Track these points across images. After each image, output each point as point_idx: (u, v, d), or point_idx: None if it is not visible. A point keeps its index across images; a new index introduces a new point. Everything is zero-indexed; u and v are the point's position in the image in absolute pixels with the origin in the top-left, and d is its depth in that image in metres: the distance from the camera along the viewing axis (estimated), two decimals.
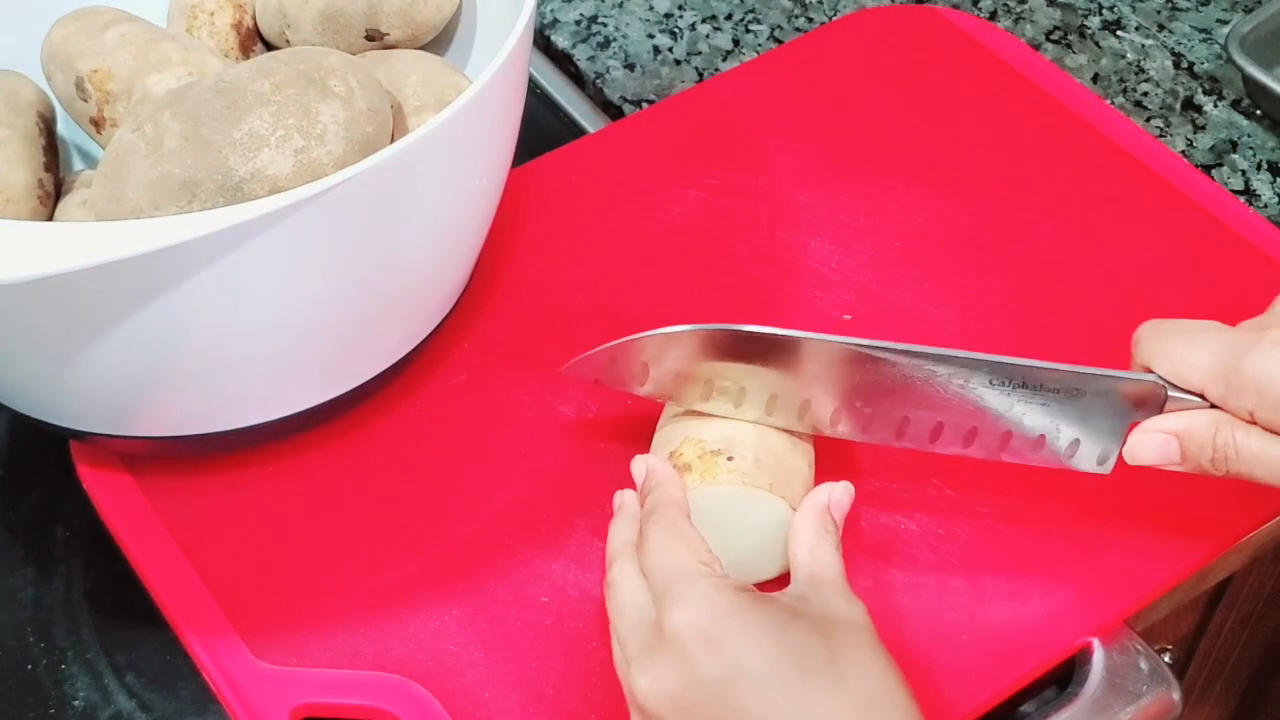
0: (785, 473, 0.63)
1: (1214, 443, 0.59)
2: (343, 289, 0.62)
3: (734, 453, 0.63)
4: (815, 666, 0.54)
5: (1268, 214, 0.86)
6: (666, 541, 0.58)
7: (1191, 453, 0.60)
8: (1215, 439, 0.59)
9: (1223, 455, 0.59)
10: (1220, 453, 0.59)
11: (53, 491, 0.73)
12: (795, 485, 0.63)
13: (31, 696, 0.67)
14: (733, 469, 0.62)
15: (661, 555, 0.58)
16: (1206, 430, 0.59)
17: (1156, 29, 0.97)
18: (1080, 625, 0.66)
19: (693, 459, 0.63)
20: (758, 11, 0.98)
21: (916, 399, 0.62)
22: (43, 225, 0.55)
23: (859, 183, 0.83)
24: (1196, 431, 0.59)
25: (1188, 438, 0.59)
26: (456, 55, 0.78)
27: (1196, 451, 0.59)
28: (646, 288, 0.78)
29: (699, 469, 0.63)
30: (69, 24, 0.71)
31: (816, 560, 0.60)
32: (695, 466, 0.63)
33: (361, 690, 0.64)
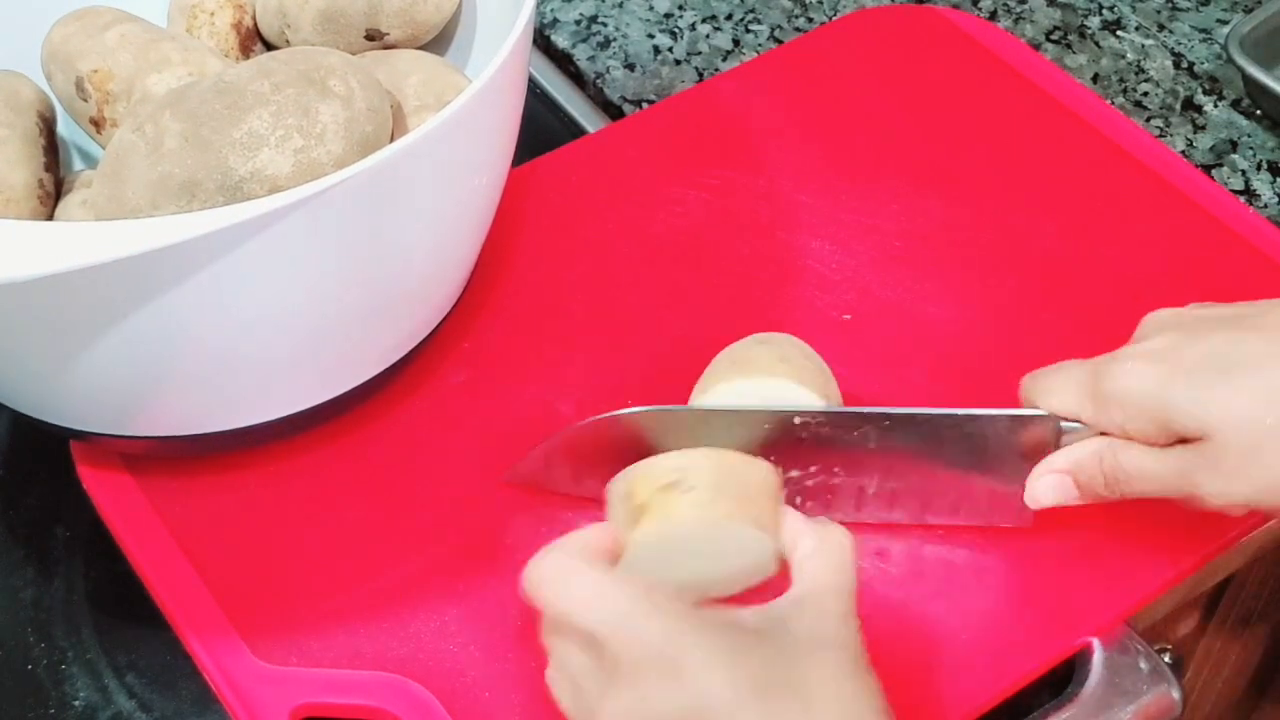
0: (747, 491, 0.59)
1: (1101, 470, 0.61)
2: (343, 288, 0.62)
3: (690, 482, 0.58)
4: (781, 692, 0.52)
5: (1268, 214, 0.86)
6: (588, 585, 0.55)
7: (1085, 484, 0.62)
8: (1102, 466, 0.61)
9: (1113, 479, 0.61)
10: (1110, 477, 0.61)
11: (53, 491, 0.73)
12: (761, 500, 0.59)
13: (32, 696, 0.67)
14: (692, 502, 0.58)
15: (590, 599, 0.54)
16: (1092, 460, 0.62)
17: (1156, 29, 0.97)
18: (1080, 625, 0.66)
19: (648, 497, 0.58)
20: (758, 11, 0.98)
21: (839, 462, 0.64)
22: (43, 225, 0.55)
23: (859, 183, 0.83)
24: (1084, 463, 0.62)
25: (1078, 471, 0.62)
26: (456, 55, 0.78)
27: (1089, 482, 0.62)
28: (646, 288, 0.78)
29: (656, 507, 0.58)
30: (69, 24, 0.71)
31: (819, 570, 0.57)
32: (652, 505, 0.58)
33: (361, 690, 0.64)
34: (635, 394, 0.73)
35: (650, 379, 0.74)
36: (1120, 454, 0.61)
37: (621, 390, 0.73)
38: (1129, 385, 0.60)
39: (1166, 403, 0.59)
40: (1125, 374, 0.60)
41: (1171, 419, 0.59)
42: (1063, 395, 0.62)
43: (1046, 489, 0.63)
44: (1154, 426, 0.60)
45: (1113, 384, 0.60)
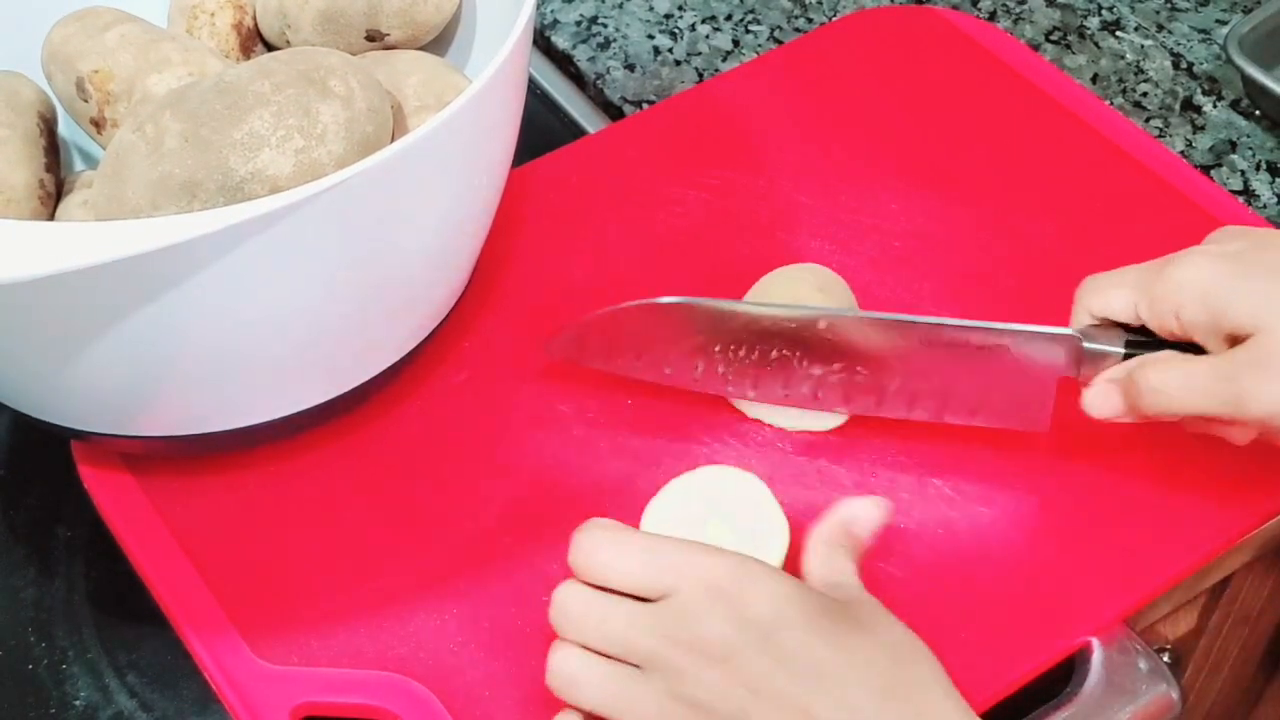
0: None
1: (1150, 377, 0.61)
2: (343, 288, 0.62)
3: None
4: (843, 616, 0.55)
5: (1267, 214, 0.86)
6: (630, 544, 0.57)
7: (1130, 397, 0.62)
8: (1149, 375, 0.61)
9: (1157, 388, 0.61)
10: (1153, 387, 0.61)
11: (54, 491, 0.73)
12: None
13: (32, 696, 0.67)
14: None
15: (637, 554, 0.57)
16: (1140, 371, 0.62)
17: (1156, 29, 0.97)
18: (1079, 625, 0.66)
19: None
20: (758, 12, 0.98)
21: (860, 362, 0.65)
22: (43, 225, 0.55)
23: (859, 183, 0.83)
24: (1134, 373, 0.62)
25: (1127, 381, 0.62)
26: (456, 55, 0.78)
27: (1132, 396, 0.62)
28: (647, 288, 0.78)
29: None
30: (69, 24, 0.71)
31: (830, 570, 0.59)
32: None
33: (362, 689, 0.64)
34: (635, 394, 0.73)
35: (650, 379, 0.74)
36: (1169, 362, 0.61)
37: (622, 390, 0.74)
38: (1190, 275, 0.61)
39: (1225, 292, 0.60)
40: (1189, 264, 0.61)
41: (1228, 308, 0.59)
42: (1117, 289, 0.63)
43: (1099, 397, 0.64)
44: (1207, 316, 0.60)
45: (1174, 272, 0.61)
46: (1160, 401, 0.61)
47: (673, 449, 0.71)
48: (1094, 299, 0.64)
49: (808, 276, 0.71)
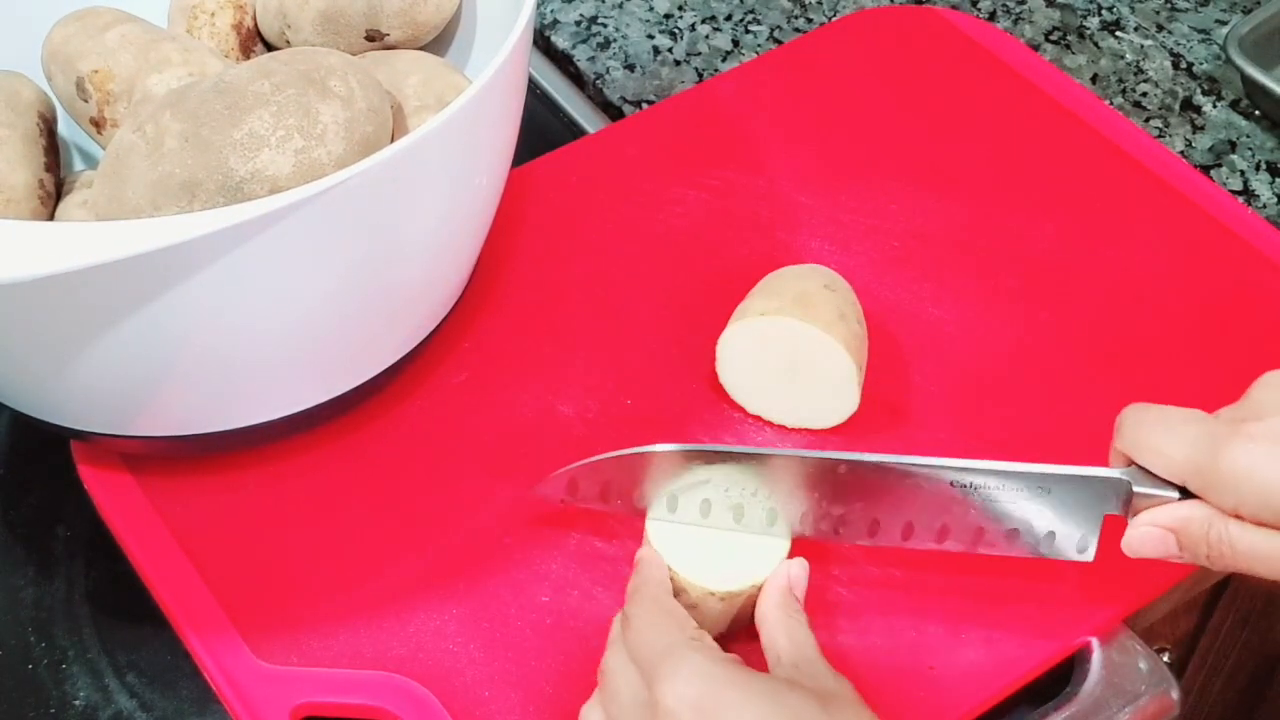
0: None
1: (1208, 539, 0.58)
2: (343, 289, 0.62)
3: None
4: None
5: (1266, 214, 0.86)
6: (652, 620, 0.58)
7: (1187, 546, 0.59)
8: (1209, 535, 0.58)
9: (1218, 552, 0.58)
10: (1215, 549, 0.58)
11: (53, 491, 0.73)
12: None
13: (32, 696, 0.67)
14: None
15: (649, 633, 0.57)
16: (1200, 527, 0.58)
17: (1155, 29, 0.97)
18: (1079, 625, 0.66)
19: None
20: (758, 12, 0.98)
21: (885, 502, 0.63)
22: (43, 225, 0.55)
23: (859, 183, 0.83)
24: (1190, 528, 0.59)
25: (1183, 533, 0.59)
26: (456, 55, 0.78)
27: (1192, 546, 0.59)
28: (646, 288, 0.78)
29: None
30: (69, 24, 0.71)
31: (795, 642, 0.59)
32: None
33: (361, 689, 0.64)
34: (635, 394, 0.73)
35: (650, 379, 0.74)
36: (1232, 528, 0.58)
37: (622, 390, 0.74)
38: (1252, 470, 0.56)
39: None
40: (1248, 455, 0.56)
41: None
42: (1169, 460, 0.59)
43: (1146, 541, 0.60)
44: (1270, 514, 0.56)
45: (1233, 465, 0.56)
46: (1235, 560, 0.58)
47: None
48: (1138, 455, 0.60)
49: (814, 275, 0.71)
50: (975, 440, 0.71)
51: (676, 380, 0.74)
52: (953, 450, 0.71)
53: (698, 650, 0.56)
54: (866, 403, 0.71)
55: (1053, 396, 0.73)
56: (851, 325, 0.69)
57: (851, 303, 0.71)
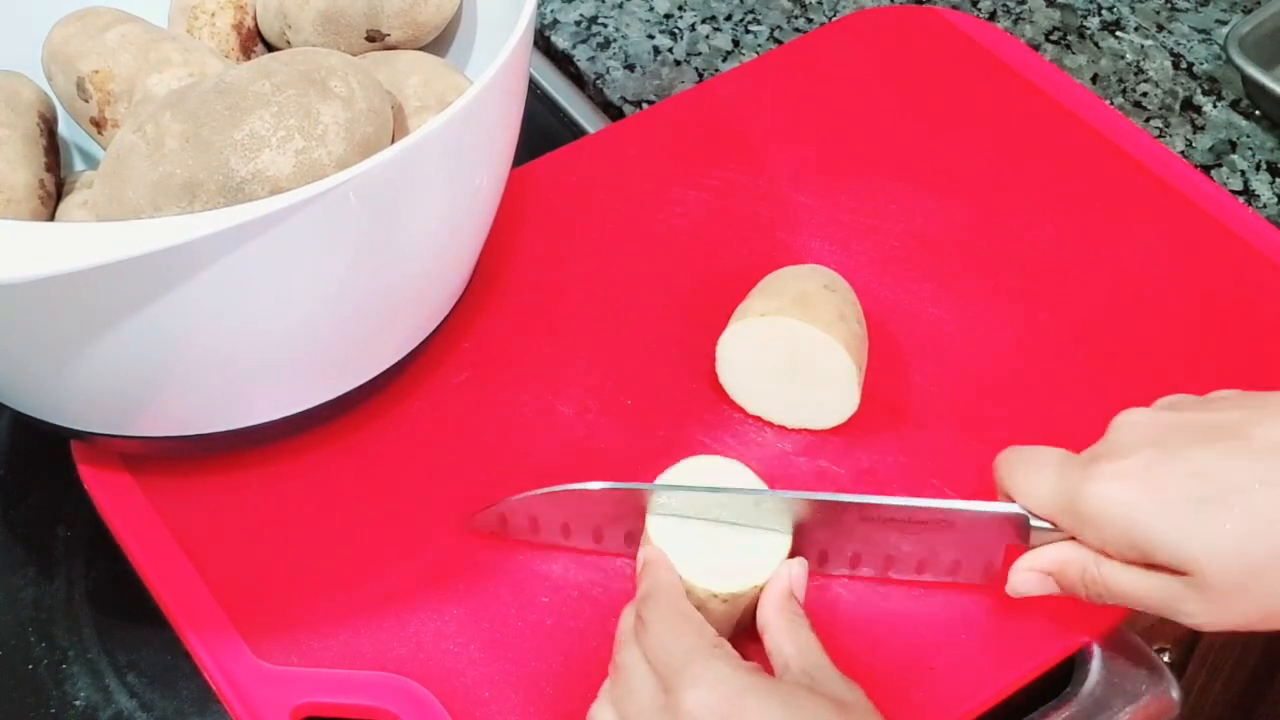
0: None
1: (1083, 580, 0.60)
2: (343, 289, 0.62)
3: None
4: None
5: (1267, 214, 0.86)
6: (671, 625, 0.58)
7: (1067, 586, 0.61)
8: (1084, 576, 0.60)
9: (1095, 592, 0.60)
10: (1091, 590, 0.60)
11: (53, 491, 0.73)
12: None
13: (32, 696, 0.67)
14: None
15: (668, 638, 0.57)
16: (1075, 568, 0.60)
17: (1156, 29, 0.97)
18: (1080, 625, 0.66)
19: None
20: (758, 12, 0.98)
21: (802, 530, 0.63)
22: (43, 225, 0.55)
23: (859, 183, 0.83)
24: (1067, 570, 0.60)
25: (1060, 575, 0.61)
26: (457, 55, 0.78)
27: (1071, 586, 0.61)
28: (646, 288, 0.78)
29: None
30: (70, 24, 0.71)
31: (802, 649, 0.59)
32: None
33: (361, 690, 0.64)
34: (635, 394, 0.73)
35: (650, 379, 0.74)
36: (1104, 568, 0.59)
37: (622, 390, 0.74)
38: (1106, 510, 0.58)
39: (1145, 535, 0.57)
40: (1101, 496, 0.58)
41: (1152, 552, 0.57)
42: (1036, 501, 0.60)
43: (1027, 583, 0.62)
44: (1135, 554, 0.58)
45: (1088, 505, 0.58)
46: (1111, 598, 0.59)
47: (673, 447, 0.71)
48: (1015, 495, 0.61)
49: (814, 275, 0.71)
50: (975, 440, 0.71)
51: (676, 380, 0.74)
52: (953, 449, 0.71)
53: (719, 657, 0.56)
54: (866, 403, 0.71)
55: (1053, 396, 0.73)
56: (851, 325, 0.69)
57: (851, 303, 0.71)
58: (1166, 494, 0.57)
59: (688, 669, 0.55)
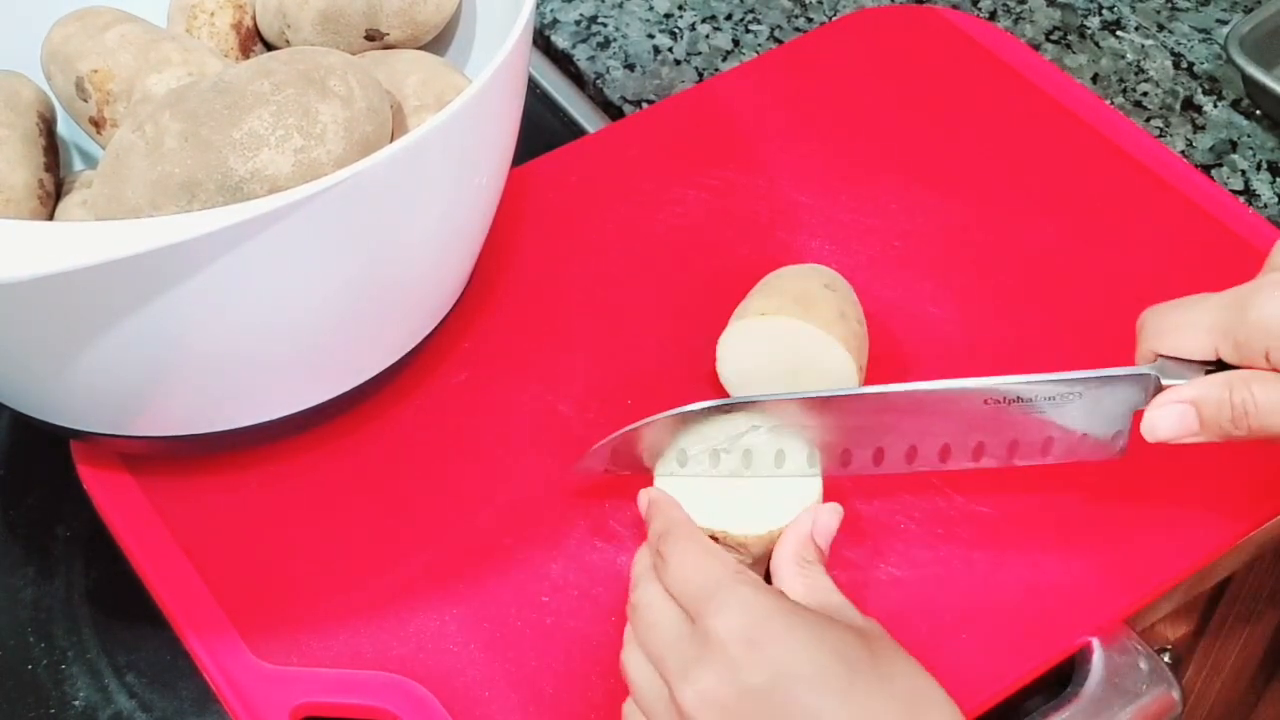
0: None
1: (1230, 401, 0.59)
2: (343, 288, 0.62)
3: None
4: (861, 667, 0.54)
5: (1267, 214, 0.86)
6: (693, 556, 0.58)
7: (1209, 416, 0.59)
8: (1232, 397, 0.58)
9: (1241, 411, 0.58)
10: (1239, 409, 0.58)
11: (53, 491, 0.73)
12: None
13: (32, 696, 0.67)
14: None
15: (690, 569, 0.57)
16: (1221, 391, 0.59)
17: (1156, 29, 0.97)
18: (1080, 625, 0.66)
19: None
20: (758, 11, 0.98)
21: (919, 428, 0.63)
22: (43, 225, 0.55)
23: (859, 183, 0.83)
24: (1211, 394, 0.59)
25: (1204, 402, 0.59)
26: (456, 55, 0.78)
27: (1215, 414, 0.59)
28: (646, 288, 0.78)
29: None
30: (69, 24, 0.71)
31: (815, 589, 0.59)
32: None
33: (361, 690, 0.64)
34: (635, 394, 0.73)
35: (650, 379, 0.74)
36: (1254, 384, 0.58)
37: (622, 390, 0.74)
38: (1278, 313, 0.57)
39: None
40: (1275, 301, 0.57)
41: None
42: (1195, 330, 0.59)
43: (1168, 421, 0.60)
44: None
45: (1261, 312, 0.57)
46: (1260, 418, 0.58)
47: None
48: (1163, 340, 0.61)
49: (814, 275, 0.71)
50: None
51: (676, 380, 0.74)
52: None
53: (745, 583, 0.56)
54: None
55: None
56: (852, 325, 0.69)
57: (852, 302, 0.71)
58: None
59: (715, 596, 0.55)
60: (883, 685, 0.54)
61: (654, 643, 0.57)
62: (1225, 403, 0.59)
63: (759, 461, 0.64)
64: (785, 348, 0.69)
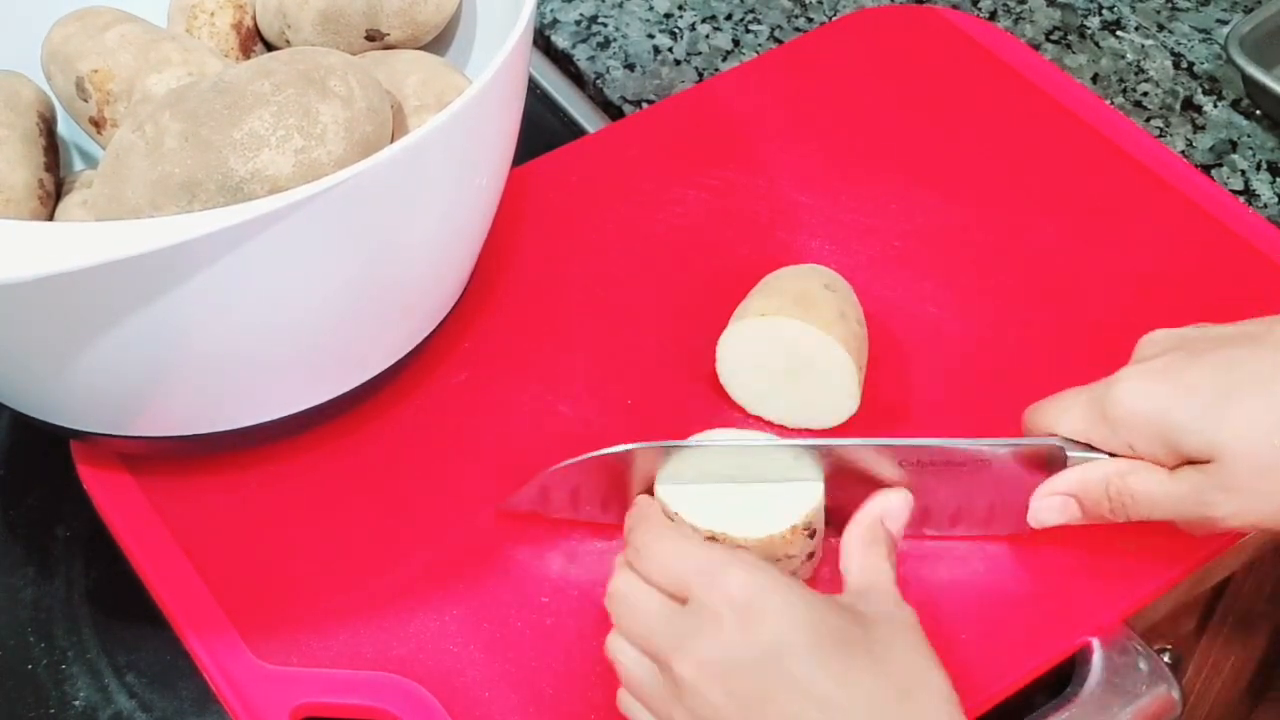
0: None
1: (1108, 494, 0.62)
2: (343, 289, 0.62)
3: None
4: (855, 646, 0.54)
5: (1267, 214, 0.86)
6: (670, 542, 0.58)
7: (1090, 507, 0.62)
8: (1108, 490, 0.62)
9: (1119, 503, 0.61)
10: (1116, 501, 0.62)
11: (53, 491, 0.73)
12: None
13: (32, 696, 0.67)
14: None
15: (670, 555, 0.57)
16: (1098, 484, 0.62)
17: (1156, 29, 0.97)
18: (1080, 625, 0.66)
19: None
20: (758, 11, 0.98)
21: (833, 486, 0.63)
22: (43, 225, 0.55)
23: (859, 183, 0.83)
24: (1090, 486, 0.62)
25: (1083, 494, 0.62)
26: (456, 55, 0.78)
27: (1094, 505, 0.62)
28: (646, 288, 0.78)
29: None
30: (69, 24, 0.71)
31: (865, 570, 0.60)
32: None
33: (361, 690, 0.64)
34: (636, 394, 0.73)
35: (650, 379, 0.74)
36: (1129, 477, 0.61)
37: (622, 390, 0.74)
38: (1134, 407, 0.60)
39: (1172, 425, 0.59)
40: (1129, 395, 0.61)
41: (1179, 441, 0.59)
42: (1071, 418, 0.62)
43: (1049, 510, 0.64)
44: (1163, 448, 0.60)
45: (1117, 408, 0.61)
46: (1137, 510, 0.61)
47: None
48: (1045, 420, 0.64)
49: (814, 275, 0.71)
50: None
51: (676, 380, 0.74)
52: None
53: (739, 559, 0.56)
54: (867, 403, 0.71)
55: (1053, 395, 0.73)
56: (851, 325, 0.69)
57: (852, 303, 0.71)
58: (1192, 385, 0.60)
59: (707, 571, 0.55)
60: (875, 664, 0.54)
61: (640, 625, 0.57)
62: (1103, 495, 0.62)
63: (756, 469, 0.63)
64: (785, 348, 0.69)
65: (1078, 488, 0.62)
